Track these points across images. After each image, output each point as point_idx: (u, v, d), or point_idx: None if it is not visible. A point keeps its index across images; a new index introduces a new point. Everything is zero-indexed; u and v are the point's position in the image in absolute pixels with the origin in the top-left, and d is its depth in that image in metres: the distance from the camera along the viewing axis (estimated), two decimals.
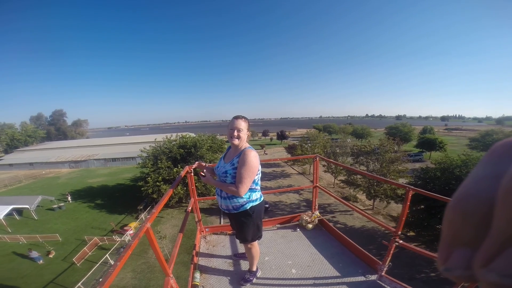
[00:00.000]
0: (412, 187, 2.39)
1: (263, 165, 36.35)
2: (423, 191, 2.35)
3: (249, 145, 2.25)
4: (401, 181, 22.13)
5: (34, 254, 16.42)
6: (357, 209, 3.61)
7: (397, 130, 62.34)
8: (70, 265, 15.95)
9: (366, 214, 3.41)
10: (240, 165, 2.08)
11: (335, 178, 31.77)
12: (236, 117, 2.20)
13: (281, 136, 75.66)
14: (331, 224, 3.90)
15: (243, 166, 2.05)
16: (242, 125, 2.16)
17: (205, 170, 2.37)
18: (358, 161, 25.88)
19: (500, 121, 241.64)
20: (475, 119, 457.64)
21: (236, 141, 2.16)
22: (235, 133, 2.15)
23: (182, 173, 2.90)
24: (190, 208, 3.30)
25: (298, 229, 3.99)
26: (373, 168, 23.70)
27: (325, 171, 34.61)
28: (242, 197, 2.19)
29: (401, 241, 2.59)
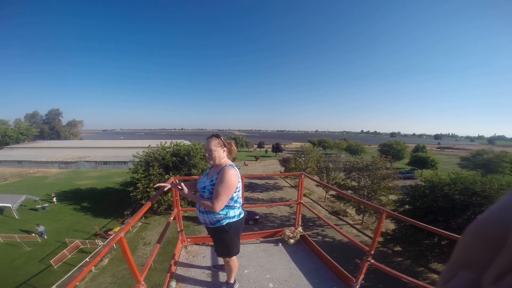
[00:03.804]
0: (386, 209, 2.47)
1: (252, 177, 36.46)
2: (395, 213, 2.44)
3: (230, 163, 2.30)
4: (391, 197, 22.39)
5: (41, 228, 19.66)
6: (331, 224, 3.76)
7: (391, 147, 63.12)
8: (46, 267, 15.68)
9: (340, 230, 3.56)
10: (217, 182, 2.14)
11: (326, 193, 31.93)
12: (208, 138, 2.27)
13: (277, 149, 75.87)
14: (312, 239, 4.00)
15: (220, 183, 2.12)
16: (212, 144, 2.21)
17: (182, 184, 2.40)
18: (350, 176, 26.10)
19: (492, 140, 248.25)
20: (467, 137, 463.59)
21: (211, 162, 2.26)
22: (207, 154, 2.25)
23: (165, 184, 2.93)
24: (172, 218, 3.33)
25: (280, 244, 4.04)
26: (364, 184, 23.93)
27: (316, 185, 34.80)
28: (219, 213, 2.24)
29: (372, 261, 2.65)
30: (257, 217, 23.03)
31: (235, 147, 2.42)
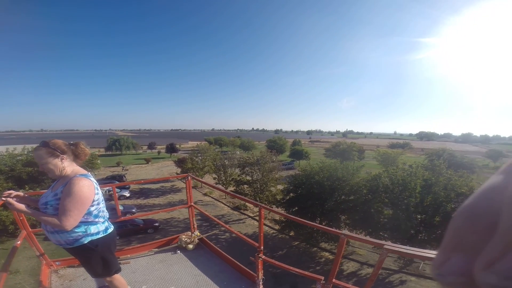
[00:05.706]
0: (262, 205, 2.82)
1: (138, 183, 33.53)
2: (269, 208, 2.84)
3: (82, 172, 2.01)
4: (279, 187, 25.46)
5: None
6: (221, 222, 4.13)
7: (275, 143, 72.69)
8: None
9: (232, 229, 3.85)
10: (64, 195, 1.83)
11: (226, 189, 33.16)
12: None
13: (171, 149, 71.57)
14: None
15: (68, 197, 1.81)
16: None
17: (9, 199, 1.88)
18: (244, 171, 28.04)
19: (345, 134, 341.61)
20: (329, 132, 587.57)
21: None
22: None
23: None
24: (19, 242, 2.77)
25: (179, 251, 3.87)
26: (256, 177, 26.28)
27: (216, 183, 35.50)
28: (74, 231, 1.91)
29: (264, 257, 2.87)
30: (157, 224, 21.37)
31: (85, 150, 2.10)
